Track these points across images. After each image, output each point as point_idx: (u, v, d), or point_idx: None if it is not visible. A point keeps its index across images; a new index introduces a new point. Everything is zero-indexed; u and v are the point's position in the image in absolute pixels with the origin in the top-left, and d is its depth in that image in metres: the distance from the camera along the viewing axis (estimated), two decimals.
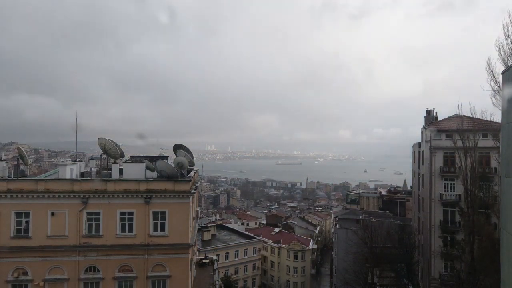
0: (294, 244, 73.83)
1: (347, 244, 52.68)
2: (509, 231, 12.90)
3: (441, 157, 42.54)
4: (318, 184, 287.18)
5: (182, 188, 26.82)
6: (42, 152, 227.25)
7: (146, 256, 26.35)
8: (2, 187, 25.00)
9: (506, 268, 13.53)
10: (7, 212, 24.97)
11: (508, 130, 13.17)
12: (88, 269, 25.91)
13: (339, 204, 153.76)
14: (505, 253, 13.60)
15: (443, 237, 41.53)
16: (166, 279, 26.57)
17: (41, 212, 25.31)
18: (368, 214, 59.56)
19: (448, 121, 44.57)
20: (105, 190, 25.94)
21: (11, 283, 24.98)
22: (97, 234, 25.90)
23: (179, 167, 27.70)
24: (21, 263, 25.13)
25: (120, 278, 26.14)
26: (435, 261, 41.58)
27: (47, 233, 25.36)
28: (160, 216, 26.52)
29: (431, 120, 46.35)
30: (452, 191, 41.99)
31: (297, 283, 73.30)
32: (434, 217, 42.43)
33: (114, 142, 30.70)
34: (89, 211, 25.80)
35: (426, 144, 45.51)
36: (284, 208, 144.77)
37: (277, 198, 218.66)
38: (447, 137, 41.78)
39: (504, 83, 14.43)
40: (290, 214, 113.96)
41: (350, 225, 58.22)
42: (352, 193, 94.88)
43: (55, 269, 25.51)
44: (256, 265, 71.59)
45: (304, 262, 73.82)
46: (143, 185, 26.46)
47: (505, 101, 13.99)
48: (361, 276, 48.68)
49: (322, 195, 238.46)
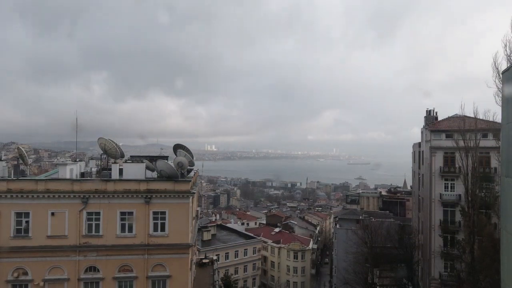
0: (294, 244, 73.82)
1: (347, 244, 52.69)
2: (509, 231, 12.89)
3: (441, 157, 42.54)
4: (318, 184, 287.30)
5: (182, 188, 26.80)
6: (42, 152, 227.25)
7: (146, 256, 26.31)
8: (2, 187, 24.97)
9: (506, 268, 13.51)
10: (7, 212, 24.93)
11: (508, 130, 13.15)
12: (88, 269, 25.88)
13: (339, 204, 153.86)
14: (505, 253, 13.58)
15: (443, 237, 41.53)
16: (166, 279, 26.54)
17: (41, 212, 25.27)
18: (368, 214, 59.56)
19: (448, 121, 44.57)
20: (105, 190, 25.90)
21: (11, 283, 24.94)
22: (97, 234, 25.85)
23: (179, 167, 27.66)
24: (21, 263, 25.10)
25: (120, 278, 26.11)
26: (435, 261, 41.57)
27: (47, 233, 25.32)
28: (160, 216, 26.48)
29: (431, 120, 46.33)
30: (452, 191, 41.99)
31: (297, 283, 73.30)
32: (434, 217, 42.42)
33: (114, 142, 30.71)
34: (89, 211, 25.76)
35: (426, 144, 45.51)
36: (284, 208, 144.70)
37: (277, 198, 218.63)
38: (447, 137, 41.79)
39: (505, 83, 14.41)
40: (290, 214, 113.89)
41: (350, 225, 58.26)
42: (352, 193, 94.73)
43: (55, 269, 25.48)
44: (256, 265, 71.55)
45: (304, 262, 73.82)
46: (143, 185, 26.42)
47: (505, 101, 13.97)
48: (361, 276, 48.72)
49: (322, 195, 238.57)
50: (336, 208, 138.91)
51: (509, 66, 13.54)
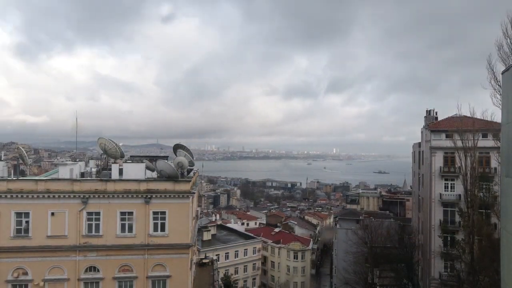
0: (294, 244, 73.79)
1: (347, 244, 52.71)
2: (509, 231, 12.91)
3: (441, 157, 42.57)
4: (318, 184, 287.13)
5: (182, 188, 26.82)
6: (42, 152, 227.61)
7: (146, 256, 26.33)
8: (2, 187, 24.99)
9: (506, 268, 13.53)
10: (7, 212, 24.96)
11: (508, 130, 13.17)
12: (88, 269, 25.90)
13: (339, 204, 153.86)
14: (505, 253, 13.59)
15: (443, 237, 41.54)
16: (166, 279, 26.56)
17: (41, 212, 25.29)
18: (368, 214, 59.63)
19: (448, 121, 44.54)
20: (105, 190, 25.92)
21: (11, 283, 24.98)
22: (97, 234, 25.88)
23: (179, 167, 27.68)
24: (21, 263, 25.12)
25: (120, 278, 26.13)
26: (435, 261, 41.59)
27: (47, 233, 25.35)
28: (160, 216, 26.50)
29: (431, 120, 46.35)
30: (452, 191, 42.01)
31: (297, 283, 73.26)
32: (434, 217, 42.43)
33: (114, 142, 30.76)
34: (89, 211, 25.78)
35: (426, 144, 45.51)
36: (284, 208, 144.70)
37: (277, 198, 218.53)
38: (447, 137, 41.79)
39: (504, 83, 14.44)
40: (290, 214, 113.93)
41: (350, 225, 58.27)
42: (352, 193, 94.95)
43: (55, 269, 25.50)
44: (256, 265, 71.52)
45: (304, 262, 73.78)
46: (143, 185, 26.44)
47: (505, 101, 14.00)
48: (361, 276, 48.73)
49: (322, 195, 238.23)
50: (336, 208, 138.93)
51: (508, 66, 13.56)
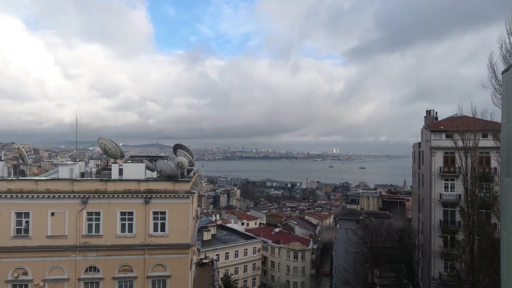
0: (294, 244, 73.81)
1: (347, 244, 52.70)
2: (509, 231, 12.88)
3: (441, 157, 42.56)
4: (318, 184, 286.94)
5: (182, 188, 26.79)
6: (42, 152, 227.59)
7: (146, 256, 26.32)
8: (2, 187, 24.97)
9: (506, 268, 13.51)
10: (7, 212, 24.95)
11: (508, 130, 13.13)
12: (88, 269, 25.88)
13: (339, 204, 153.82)
14: (505, 253, 13.57)
15: (443, 237, 41.51)
16: (166, 279, 26.55)
17: (41, 212, 25.29)
18: (368, 214, 59.64)
19: (448, 121, 44.54)
20: (105, 190, 25.91)
21: (11, 283, 24.95)
22: (97, 234, 25.87)
23: (179, 167, 27.67)
24: (21, 263, 25.10)
25: (120, 278, 26.12)
26: (435, 261, 41.58)
27: (47, 233, 25.34)
28: (160, 216, 26.49)
29: (431, 120, 46.35)
30: (452, 191, 42.01)
31: (297, 283, 73.28)
32: (434, 217, 42.43)
33: (114, 142, 30.75)
34: (89, 211, 25.77)
35: (426, 144, 45.50)
36: (284, 208, 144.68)
37: (277, 198, 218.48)
38: (447, 137, 41.78)
39: (504, 83, 14.40)
40: (290, 214, 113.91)
41: (350, 225, 58.33)
42: (352, 193, 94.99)
43: (55, 269, 25.49)
44: (256, 265, 71.54)
45: (304, 262, 73.80)
46: (143, 185, 26.43)
47: (505, 100, 13.96)
48: (361, 276, 48.70)
49: (322, 195, 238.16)
50: (336, 208, 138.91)
51: (508, 66, 13.52)
